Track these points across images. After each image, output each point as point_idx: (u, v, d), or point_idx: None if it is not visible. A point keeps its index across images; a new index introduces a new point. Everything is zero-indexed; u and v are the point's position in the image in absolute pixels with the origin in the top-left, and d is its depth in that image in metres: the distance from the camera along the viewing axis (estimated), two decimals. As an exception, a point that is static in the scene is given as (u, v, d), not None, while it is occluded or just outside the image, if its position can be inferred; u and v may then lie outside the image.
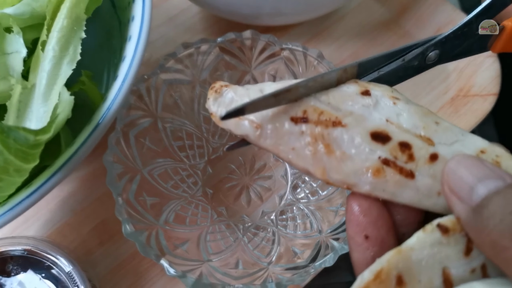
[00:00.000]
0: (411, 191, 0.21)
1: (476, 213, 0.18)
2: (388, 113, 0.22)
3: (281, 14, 0.42)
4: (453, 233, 0.20)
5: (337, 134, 0.22)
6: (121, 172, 0.34)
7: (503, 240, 0.17)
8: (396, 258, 0.19)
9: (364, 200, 0.22)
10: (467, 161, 0.20)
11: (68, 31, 0.29)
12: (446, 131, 0.22)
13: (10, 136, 0.24)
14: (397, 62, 0.25)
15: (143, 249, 0.31)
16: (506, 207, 0.17)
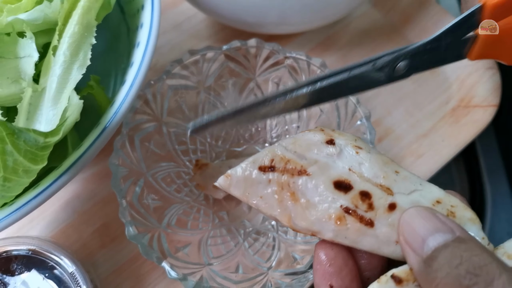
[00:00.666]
0: (371, 239, 0.22)
1: (426, 264, 0.19)
2: (350, 162, 0.24)
3: (286, 23, 0.43)
4: (406, 283, 0.21)
5: (302, 183, 0.23)
6: (125, 175, 0.35)
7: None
8: None
9: (330, 249, 0.23)
10: (421, 214, 0.21)
11: (79, 37, 0.30)
12: (405, 180, 0.23)
13: (21, 138, 0.25)
14: (367, 66, 0.25)
15: (145, 251, 0.32)
16: (452, 261, 0.18)
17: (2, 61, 0.30)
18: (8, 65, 0.30)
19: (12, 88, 0.30)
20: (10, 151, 0.25)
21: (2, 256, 0.34)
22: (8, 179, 0.27)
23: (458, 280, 0.18)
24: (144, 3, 0.35)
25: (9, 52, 0.30)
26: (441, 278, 0.18)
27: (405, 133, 0.46)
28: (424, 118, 0.46)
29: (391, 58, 0.25)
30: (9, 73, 0.30)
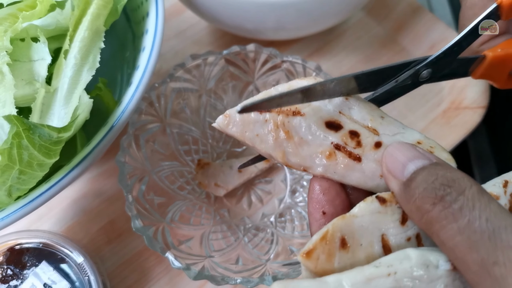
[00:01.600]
0: (358, 173, 0.24)
1: (406, 186, 0.21)
2: (341, 106, 0.25)
3: (283, 29, 0.45)
4: (390, 204, 0.23)
5: (296, 122, 0.25)
6: (131, 172, 0.37)
7: (425, 204, 0.20)
8: (340, 222, 0.22)
9: (325, 182, 0.25)
10: (402, 146, 0.23)
11: (89, 41, 0.33)
12: (390, 124, 0.25)
13: (36, 133, 0.27)
14: (390, 84, 0.27)
15: (150, 242, 0.33)
16: (428, 178, 0.20)
17: (17, 64, 0.32)
18: (22, 67, 0.32)
19: (26, 89, 0.32)
20: (25, 145, 0.27)
21: (15, 249, 0.36)
22: (23, 172, 0.29)
23: (434, 192, 0.19)
24: (149, 10, 0.37)
25: (24, 55, 0.33)
26: (419, 193, 0.20)
27: (399, 134, 0.48)
28: (417, 119, 0.48)
29: (414, 71, 0.26)
30: (24, 75, 0.32)
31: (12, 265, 0.35)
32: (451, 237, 0.19)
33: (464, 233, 0.18)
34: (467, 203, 0.19)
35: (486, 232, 0.18)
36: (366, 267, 0.21)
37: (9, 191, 0.30)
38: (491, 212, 0.18)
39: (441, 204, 0.19)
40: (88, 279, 0.35)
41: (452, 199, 0.19)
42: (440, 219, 0.19)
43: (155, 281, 0.42)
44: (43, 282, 0.35)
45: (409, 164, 0.22)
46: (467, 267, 0.18)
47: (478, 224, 0.18)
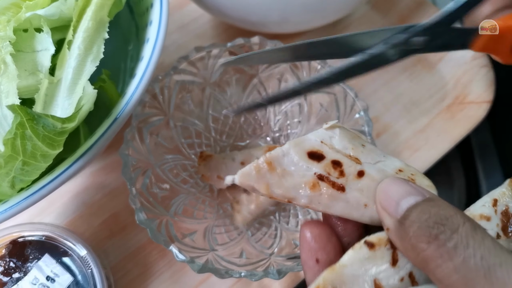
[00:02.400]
0: (342, 203, 0.24)
1: (400, 224, 0.21)
2: (322, 136, 0.25)
3: (288, 22, 0.45)
4: (379, 247, 0.22)
5: (279, 153, 0.25)
6: (134, 165, 0.37)
7: (420, 243, 0.20)
8: (330, 275, 0.22)
9: (315, 228, 0.25)
10: (395, 182, 0.23)
11: (93, 31, 0.32)
12: (371, 152, 0.26)
13: (39, 123, 0.27)
14: (379, 47, 0.26)
15: (154, 235, 0.33)
16: (422, 216, 0.20)
17: (20, 54, 0.32)
18: (26, 58, 0.32)
19: (29, 79, 0.32)
20: (29, 135, 0.27)
21: (18, 242, 0.35)
22: (27, 163, 0.28)
23: (428, 231, 0.20)
24: (153, 1, 0.37)
25: (27, 46, 0.32)
26: (413, 231, 0.20)
27: (403, 128, 0.47)
28: (421, 114, 0.48)
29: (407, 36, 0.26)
30: (27, 65, 0.32)
31: (15, 258, 0.35)
32: (448, 276, 0.19)
33: (460, 272, 0.18)
34: (461, 241, 0.19)
35: (481, 270, 0.18)
36: None
37: (12, 182, 0.30)
38: (485, 249, 0.18)
39: (436, 243, 0.19)
40: (91, 272, 0.35)
41: (446, 238, 0.19)
42: (435, 258, 0.19)
43: (158, 275, 0.41)
44: (45, 275, 0.34)
45: (403, 201, 0.22)
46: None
47: (473, 262, 0.18)
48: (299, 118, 0.44)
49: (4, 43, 0.30)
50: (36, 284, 0.34)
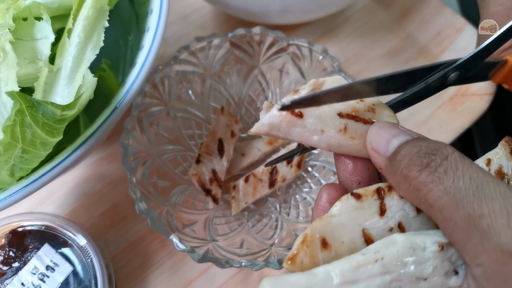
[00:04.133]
0: (299, 129, 0.25)
1: (391, 160, 0.22)
2: None
3: (289, 12, 0.44)
4: (366, 198, 0.23)
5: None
6: (134, 155, 0.37)
7: (412, 172, 0.21)
8: (318, 224, 0.22)
9: (333, 191, 0.26)
10: (385, 125, 0.24)
11: (93, 20, 0.32)
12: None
13: (39, 110, 0.27)
14: (420, 85, 0.27)
15: (154, 224, 0.33)
16: (413, 149, 0.21)
17: (20, 43, 0.32)
18: (25, 46, 0.32)
19: (29, 68, 0.31)
20: (28, 123, 0.27)
21: (18, 231, 0.35)
22: (26, 151, 0.28)
23: (419, 160, 0.21)
24: (154, -10, 0.37)
25: (27, 34, 0.32)
26: (404, 163, 0.21)
27: (405, 120, 0.47)
28: (423, 106, 0.47)
29: (443, 74, 0.27)
30: (26, 54, 0.32)
31: (14, 247, 0.35)
32: (439, 198, 0.20)
33: (450, 193, 0.19)
34: (451, 166, 0.20)
35: (470, 188, 0.19)
36: (353, 255, 0.21)
37: (11, 170, 0.30)
38: (473, 171, 0.20)
39: (427, 170, 0.20)
40: (91, 262, 0.35)
41: (437, 164, 0.20)
42: (427, 183, 0.20)
43: (159, 265, 0.41)
44: (45, 265, 0.34)
45: (393, 140, 0.23)
46: (456, 226, 0.19)
47: (462, 182, 0.19)
48: (300, 109, 0.44)
49: (4, 31, 0.30)
50: (35, 274, 0.34)
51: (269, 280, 0.20)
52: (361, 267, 0.20)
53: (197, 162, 0.40)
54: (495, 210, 0.18)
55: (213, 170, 0.41)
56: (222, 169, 0.40)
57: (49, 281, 0.34)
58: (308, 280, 0.20)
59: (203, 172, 0.40)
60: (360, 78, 0.39)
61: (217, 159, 0.41)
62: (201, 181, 0.39)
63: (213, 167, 0.41)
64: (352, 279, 0.20)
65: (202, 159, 0.40)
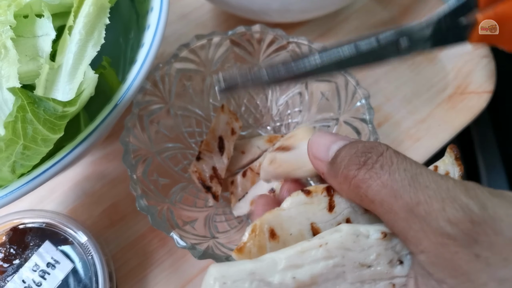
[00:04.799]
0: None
1: (331, 163, 0.23)
2: None
3: (289, 11, 0.45)
4: (315, 194, 0.24)
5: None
6: (135, 152, 0.37)
7: (351, 171, 0.22)
8: (268, 215, 0.23)
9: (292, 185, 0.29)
10: (324, 133, 0.25)
11: (94, 17, 0.32)
12: None
13: (40, 106, 0.27)
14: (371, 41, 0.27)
15: (155, 221, 0.33)
16: (351, 151, 0.22)
17: (21, 40, 0.32)
18: (26, 43, 0.32)
19: (30, 65, 0.31)
20: (30, 119, 0.27)
21: (18, 228, 0.35)
22: (27, 147, 0.28)
23: (357, 160, 0.22)
24: (154, -12, 0.37)
25: (28, 31, 0.32)
26: (344, 164, 0.22)
27: (404, 118, 0.47)
28: (422, 104, 0.48)
29: (394, 37, 0.27)
30: (27, 51, 0.32)
31: (15, 244, 0.35)
32: (378, 192, 0.20)
33: (387, 185, 0.20)
34: (386, 161, 0.21)
35: (405, 179, 0.20)
36: (299, 243, 0.22)
37: (12, 167, 0.30)
38: (407, 163, 0.21)
39: (365, 167, 0.21)
40: (91, 259, 0.35)
41: (373, 161, 0.21)
42: (365, 180, 0.21)
43: (158, 264, 0.41)
44: (46, 262, 0.34)
45: (332, 145, 0.24)
46: (396, 216, 0.20)
47: (398, 174, 0.20)
48: (300, 107, 0.44)
49: (5, 28, 0.30)
50: (36, 271, 0.34)
51: (216, 266, 0.20)
52: (305, 252, 0.21)
53: (198, 159, 0.40)
54: (430, 196, 0.19)
55: (214, 167, 0.41)
56: (222, 166, 0.41)
57: (50, 278, 0.34)
58: (253, 265, 0.20)
59: (203, 169, 0.40)
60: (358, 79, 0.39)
61: (217, 156, 0.41)
62: (201, 178, 0.39)
63: (213, 164, 0.41)
64: (296, 263, 0.21)
65: (203, 156, 0.40)
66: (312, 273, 0.21)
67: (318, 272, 0.21)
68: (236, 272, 0.20)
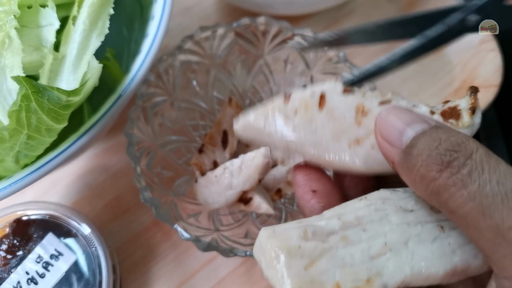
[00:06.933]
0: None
1: (406, 154, 0.19)
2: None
3: (294, 3, 0.44)
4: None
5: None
6: (139, 145, 0.36)
7: (430, 172, 0.18)
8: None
9: (306, 168, 0.25)
10: (396, 110, 0.21)
11: (98, 7, 0.32)
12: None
13: (45, 96, 0.26)
14: (439, 28, 0.25)
15: (159, 214, 0.33)
16: (432, 144, 0.19)
17: (25, 30, 0.32)
18: (30, 33, 0.32)
19: (34, 55, 0.31)
20: (34, 109, 0.27)
21: (22, 220, 0.35)
22: (31, 137, 0.28)
23: (439, 159, 0.18)
24: (158, -21, 0.36)
25: (31, 21, 0.32)
26: (422, 161, 0.18)
27: (409, 112, 0.47)
28: (428, 98, 0.48)
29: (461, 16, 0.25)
30: (31, 41, 0.31)
31: (19, 236, 0.35)
32: (462, 205, 0.17)
33: (475, 199, 0.17)
34: (476, 167, 0.17)
35: (498, 195, 0.17)
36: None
37: (16, 157, 0.29)
38: (501, 174, 0.17)
39: (449, 171, 0.18)
40: (95, 250, 0.35)
41: (460, 164, 0.18)
42: (448, 187, 0.18)
43: (162, 257, 0.41)
44: (49, 254, 0.34)
45: (407, 129, 0.20)
46: (481, 235, 0.17)
47: (489, 187, 0.17)
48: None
49: (9, 17, 0.30)
50: (40, 263, 0.34)
51: (268, 229, 0.21)
52: (347, 205, 0.22)
53: (200, 152, 0.40)
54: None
55: (215, 161, 0.41)
56: (223, 161, 0.40)
57: (53, 269, 0.34)
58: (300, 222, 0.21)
59: (204, 162, 0.40)
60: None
61: (220, 150, 0.41)
62: (202, 171, 0.39)
63: (215, 158, 0.41)
64: (340, 212, 0.21)
65: (205, 149, 0.40)
66: (356, 215, 0.21)
67: (362, 214, 0.21)
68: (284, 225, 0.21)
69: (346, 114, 0.23)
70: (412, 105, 0.23)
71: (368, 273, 0.20)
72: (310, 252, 0.20)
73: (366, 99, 0.24)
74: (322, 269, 0.19)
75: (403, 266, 0.20)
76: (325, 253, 0.20)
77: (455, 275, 0.20)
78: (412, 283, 0.20)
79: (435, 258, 0.20)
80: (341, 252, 0.20)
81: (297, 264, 0.19)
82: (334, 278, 0.19)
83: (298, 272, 0.19)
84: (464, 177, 0.17)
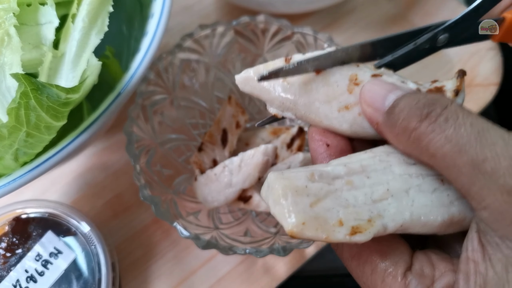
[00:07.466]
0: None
1: (389, 113, 0.22)
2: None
3: (294, 1, 0.44)
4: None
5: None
6: (138, 143, 0.36)
7: (411, 123, 0.21)
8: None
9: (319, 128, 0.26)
10: (378, 82, 0.24)
11: (97, 5, 0.32)
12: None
13: (44, 93, 0.26)
14: (409, 47, 0.27)
15: (159, 211, 0.33)
16: (411, 102, 0.21)
17: (24, 27, 0.31)
18: (29, 31, 0.32)
19: (33, 53, 0.31)
20: (33, 106, 0.27)
21: (21, 218, 0.35)
22: (30, 135, 0.28)
23: (419, 112, 0.21)
24: (158, -23, 0.36)
25: (31, 19, 0.32)
26: (404, 115, 0.21)
27: (409, 111, 0.47)
28: (427, 97, 0.48)
29: (432, 35, 0.27)
30: (31, 39, 0.31)
31: (18, 234, 0.35)
32: (441, 147, 0.20)
33: (452, 140, 0.19)
34: (451, 115, 0.20)
35: (471, 134, 0.19)
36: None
37: (15, 155, 0.29)
38: (473, 118, 0.20)
39: (428, 120, 0.20)
40: (95, 248, 0.34)
41: (437, 114, 0.20)
42: (428, 133, 0.20)
43: (161, 256, 0.41)
44: (49, 252, 0.34)
45: (389, 95, 0.23)
46: (459, 172, 0.19)
47: (463, 129, 0.19)
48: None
49: (8, 15, 0.30)
50: (39, 261, 0.34)
51: (276, 174, 0.22)
52: (353, 156, 0.23)
53: (199, 150, 0.40)
54: (498, 153, 0.19)
55: (214, 160, 0.41)
56: (223, 159, 0.40)
57: (53, 267, 0.34)
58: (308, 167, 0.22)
59: (204, 160, 0.40)
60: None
61: (219, 149, 0.41)
62: (201, 169, 0.39)
63: (214, 157, 0.41)
64: (346, 162, 0.23)
65: (205, 147, 0.40)
66: (361, 164, 0.23)
67: (366, 164, 0.23)
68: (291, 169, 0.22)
69: (340, 81, 0.25)
70: (401, 81, 0.25)
71: (370, 214, 0.21)
72: (316, 192, 0.21)
73: (360, 69, 0.25)
74: (327, 207, 0.21)
75: (403, 211, 0.22)
76: (330, 194, 0.21)
77: (451, 225, 0.22)
78: (410, 228, 0.22)
79: (434, 206, 0.22)
80: (345, 194, 0.22)
81: (303, 201, 0.21)
82: (338, 216, 0.21)
83: (304, 208, 0.21)
84: (442, 124, 0.20)
